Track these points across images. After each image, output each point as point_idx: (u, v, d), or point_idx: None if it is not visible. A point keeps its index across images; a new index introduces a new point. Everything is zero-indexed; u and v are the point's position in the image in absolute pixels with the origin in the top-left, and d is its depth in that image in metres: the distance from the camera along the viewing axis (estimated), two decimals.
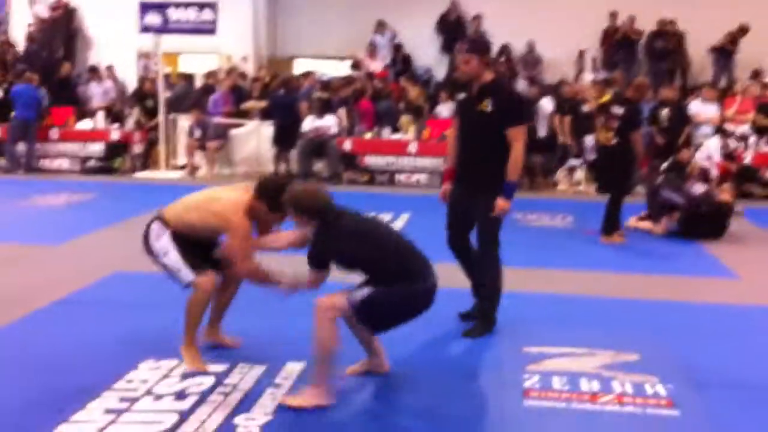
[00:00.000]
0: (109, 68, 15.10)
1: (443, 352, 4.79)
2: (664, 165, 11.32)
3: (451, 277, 4.81)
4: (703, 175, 10.23)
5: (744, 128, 12.48)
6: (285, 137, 12.85)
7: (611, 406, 4.03)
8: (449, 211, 5.26)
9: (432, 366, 4.48)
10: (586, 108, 12.03)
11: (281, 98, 13.24)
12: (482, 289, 5.21)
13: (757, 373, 4.58)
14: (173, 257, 4.36)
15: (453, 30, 15.54)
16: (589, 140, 11.81)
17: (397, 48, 15.79)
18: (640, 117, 8.43)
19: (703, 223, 8.50)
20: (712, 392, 4.21)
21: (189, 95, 13.82)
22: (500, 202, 4.93)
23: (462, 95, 5.19)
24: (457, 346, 4.87)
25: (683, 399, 4.10)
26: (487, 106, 4.90)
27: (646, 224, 8.98)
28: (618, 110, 8.31)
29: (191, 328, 4.40)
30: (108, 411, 3.78)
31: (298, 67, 16.44)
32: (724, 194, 8.87)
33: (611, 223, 8.37)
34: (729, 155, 11.78)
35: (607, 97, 9.45)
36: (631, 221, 9.13)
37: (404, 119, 12.99)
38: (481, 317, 5.13)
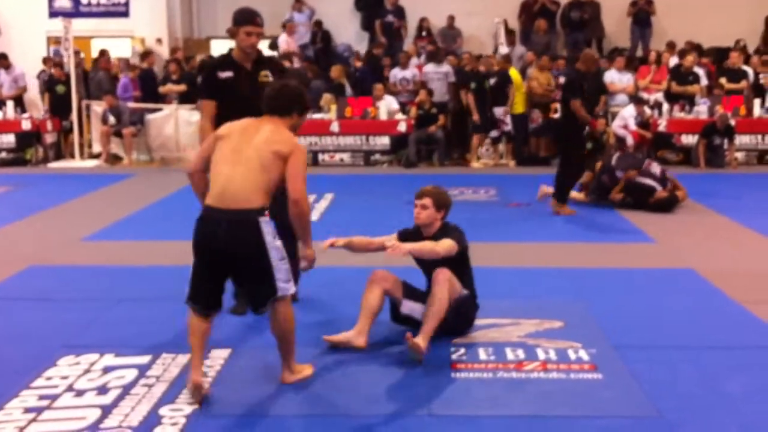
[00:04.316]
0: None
1: (372, 331, 4.76)
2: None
3: (371, 257, 4.78)
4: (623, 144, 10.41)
5: (657, 96, 12.82)
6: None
7: (536, 373, 4.10)
8: None
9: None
10: (492, 81, 12.21)
11: None
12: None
13: (672, 332, 4.73)
14: (286, 264, 3.77)
15: (372, 6, 15.49)
16: (499, 112, 12.01)
17: (317, 25, 15.63)
18: (579, 85, 8.33)
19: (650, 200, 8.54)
20: (633, 354, 4.32)
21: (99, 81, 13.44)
22: None
23: (227, 73, 4.94)
24: (385, 322, 4.86)
25: (606, 362, 4.21)
26: (267, 76, 5.00)
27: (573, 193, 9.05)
28: (562, 80, 8.24)
29: (293, 348, 3.96)
30: (27, 410, 3.66)
31: (216, 48, 16.13)
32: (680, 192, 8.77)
33: (564, 193, 8.33)
34: (644, 123, 12.10)
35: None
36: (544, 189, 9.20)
37: (326, 98, 12.89)
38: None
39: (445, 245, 4.34)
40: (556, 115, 8.26)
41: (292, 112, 3.88)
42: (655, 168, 8.84)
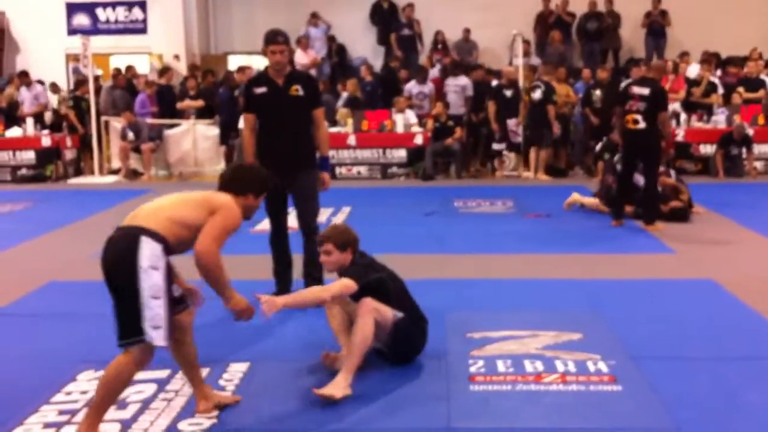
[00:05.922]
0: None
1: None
2: (599, 145, 11.53)
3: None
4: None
5: (675, 106, 12.74)
6: (231, 135, 12.64)
7: (555, 385, 4.07)
8: (270, 205, 5.44)
9: (378, 354, 4.47)
10: (509, 93, 12.19)
11: (223, 95, 13.05)
12: (315, 272, 5.45)
13: (691, 344, 4.69)
14: (161, 307, 3.35)
15: (387, 19, 15.55)
16: (512, 123, 12.01)
17: (331, 39, 15.70)
18: (666, 97, 8.24)
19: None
20: (652, 366, 4.29)
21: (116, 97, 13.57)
22: (328, 177, 5.62)
23: (261, 89, 5.46)
24: None
25: (625, 374, 4.17)
26: (298, 90, 5.42)
27: (593, 201, 9.01)
28: (641, 90, 8.01)
29: (107, 405, 3.48)
30: (47, 425, 3.69)
31: (233, 63, 16.25)
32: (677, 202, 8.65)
33: (656, 210, 8.18)
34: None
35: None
36: (576, 197, 9.15)
37: (342, 112, 12.94)
38: None
39: (334, 289, 4.05)
40: (639, 126, 7.99)
41: (246, 193, 3.72)
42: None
